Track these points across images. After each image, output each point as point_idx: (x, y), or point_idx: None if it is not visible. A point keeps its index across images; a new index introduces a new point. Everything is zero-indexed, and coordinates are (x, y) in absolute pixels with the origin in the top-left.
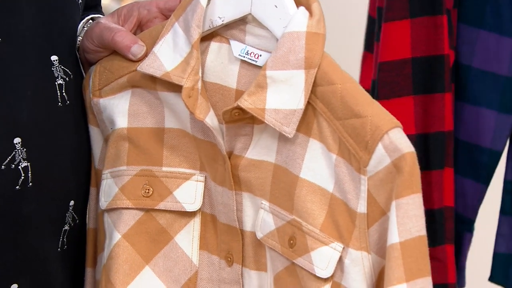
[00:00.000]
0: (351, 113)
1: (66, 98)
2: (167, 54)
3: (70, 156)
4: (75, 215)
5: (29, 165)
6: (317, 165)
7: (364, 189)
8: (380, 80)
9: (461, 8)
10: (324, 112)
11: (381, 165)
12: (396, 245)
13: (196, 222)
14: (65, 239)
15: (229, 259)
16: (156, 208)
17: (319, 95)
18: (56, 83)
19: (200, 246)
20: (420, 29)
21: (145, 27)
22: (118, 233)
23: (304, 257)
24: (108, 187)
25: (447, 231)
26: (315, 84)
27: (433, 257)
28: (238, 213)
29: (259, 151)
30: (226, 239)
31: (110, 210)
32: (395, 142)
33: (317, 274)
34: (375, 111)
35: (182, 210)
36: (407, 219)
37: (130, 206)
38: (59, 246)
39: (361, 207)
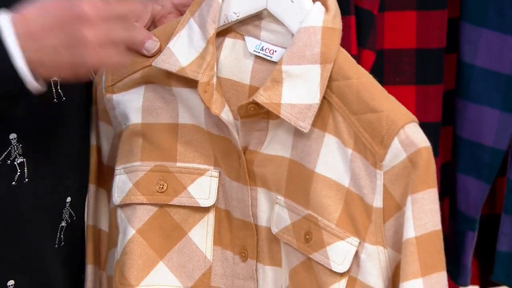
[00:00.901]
0: (367, 107)
1: (62, 94)
2: (183, 50)
3: (66, 152)
4: (72, 212)
5: (25, 161)
6: (332, 160)
7: (380, 183)
8: None
9: (463, 6)
10: (340, 107)
11: (397, 159)
12: (412, 239)
13: (210, 218)
14: (62, 236)
15: (244, 254)
16: (170, 203)
17: (334, 89)
18: (51, 79)
19: (214, 242)
20: None
21: (159, 23)
22: (133, 228)
23: (320, 252)
24: (121, 183)
25: None
26: (330, 79)
27: None
28: (253, 208)
29: (274, 146)
30: (241, 235)
31: (124, 205)
32: (411, 137)
33: (333, 269)
34: (391, 106)
35: (197, 205)
36: (423, 214)
37: (144, 202)
38: (56, 242)
39: (377, 201)
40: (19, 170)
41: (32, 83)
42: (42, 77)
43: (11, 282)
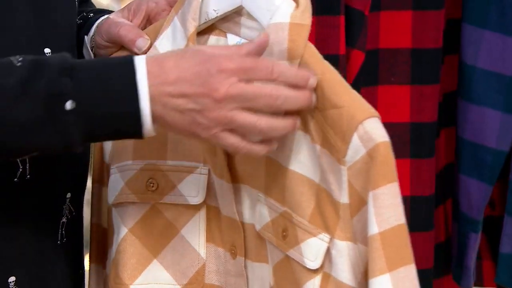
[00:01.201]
0: (329, 103)
1: None
2: (166, 48)
3: None
4: (71, 207)
5: (27, 157)
6: (303, 156)
7: (345, 179)
8: None
9: (465, 8)
10: None
11: (358, 155)
12: (376, 235)
13: (201, 215)
14: (63, 232)
15: (233, 251)
16: (161, 201)
17: None
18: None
19: (207, 239)
20: (320, 28)
21: (154, 20)
22: (125, 227)
23: (295, 248)
24: (115, 182)
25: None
26: None
27: None
28: (237, 205)
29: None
30: (229, 232)
31: (117, 204)
32: (370, 132)
33: (307, 266)
34: (352, 101)
35: (186, 203)
36: (384, 209)
37: (135, 201)
38: (59, 238)
39: (344, 197)
40: (21, 167)
41: (149, 127)
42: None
43: (12, 279)
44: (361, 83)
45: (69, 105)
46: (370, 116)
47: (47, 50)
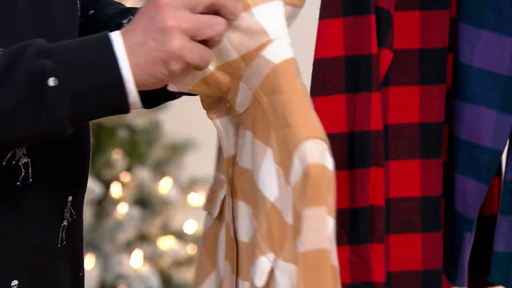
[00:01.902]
0: (284, 123)
1: None
2: None
3: (69, 151)
4: (72, 211)
5: (29, 161)
6: (267, 174)
7: (290, 200)
8: (313, 77)
9: (462, 7)
10: (273, 121)
11: (297, 176)
12: (299, 255)
13: (223, 230)
14: (63, 235)
15: (232, 269)
16: (211, 213)
17: (271, 104)
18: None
19: (225, 256)
20: (351, 28)
21: None
22: (202, 236)
23: (253, 266)
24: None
25: (375, 231)
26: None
27: (356, 255)
28: (234, 222)
29: (245, 157)
30: (229, 249)
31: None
32: (306, 153)
33: (256, 284)
34: (301, 121)
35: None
36: (308, 231)
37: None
38: (59, 242)
39: (289, 218)
40: (23, 171)
41: (134, 94)
42: (141, 84)
43: (15, 282)
44: None
45: (51, 81)
46: (312, 137)
47: None
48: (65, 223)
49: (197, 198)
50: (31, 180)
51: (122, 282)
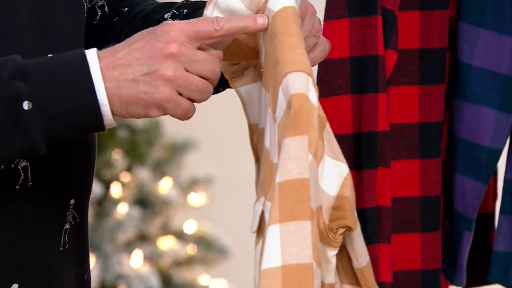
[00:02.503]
0: (275, 61)
1: None
2: None
3: (70, 154)
4: (75, 214)
5: (28, 165)
6: (267, 122)
7: (276, 138)
8: (319, 78)
9: (462, 7)
10: (270, 64)
11: (281, 110)
12: (276, 185)
13: None
14: (66, 238)
15: None
16: None
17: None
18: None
19: None
20: (357, 29)
21: None
22: None
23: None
24: None
25: (383, 231)
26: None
27: None
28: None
29: (263, 116)
30: None
31: None
32: (289, 85)
33: (252, 230)
34: (288, 57)
35: None
36: (288, 160)
37: None
38: (61, 245)
39: (275, 157)
40: (22, 174)
41: (109, 117)
42: (116, 112)
43: (15, 286)
44: None
45: (26, 105)
46: (296, 70)
47: (49, 55)
48: (67, 226)
49: (197, 198)
50: (30, 183)
51: (122, 282)
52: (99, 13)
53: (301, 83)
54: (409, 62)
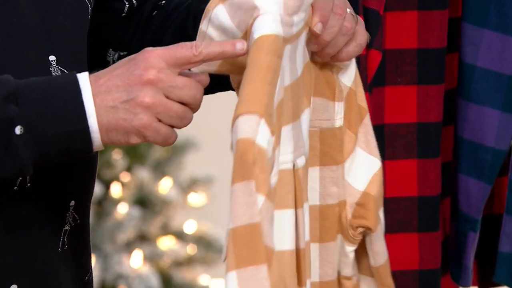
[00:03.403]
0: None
1: None
2: None
3: None
4: (75, 215)
5: None
6: None
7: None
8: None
9: (465, 7)
10: None
11: (233, 151)
12: (229, 231)
13: None
14: (65, 239)
15: None
16: None
17: None
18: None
19: None
20: None
21: None
22: None
23: None
24: None
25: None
26: None
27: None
28: None
29: None
30: None
31: None
32: (237, 128)
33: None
34: (245, 95)
35: None
36: (238, 206)
37: None
38: (60, 246)
39: None
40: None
41: (99, 143)
42: (102, 140)
43: (14, 287)
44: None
45: (18, 130)
46: (247, 112)
47: (52, 58)
48: (67, 227)
49: (197, 198)
50: (28, 184)
51: (122, 282)
52: (127, 5)
53: (249, 127)
54: (407, 62)
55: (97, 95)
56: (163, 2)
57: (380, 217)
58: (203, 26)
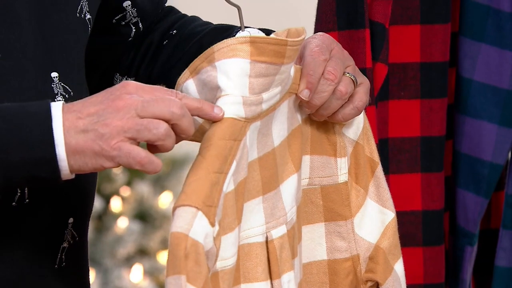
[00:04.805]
0: None
1: None
2: None
3: None
4: (74, 233)
5: None
6: None
7: None
8: None
9: (463, 21)
10: None
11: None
12: None
13: None
14: (63, 256)
15: None
16: None
17: None
18: (56, 99)
19: None
20: (346, 42)
21: None
22: None
23: None
24: None
25: None
26: None
27: None
28: None
29: None
30: None
31: None
32: (173, 221)
33: None
34: (186, 186)
35: None
36: None
37: None
38: (56, 263)
39: None
40: (19, 191)
41: (67, 172)
42: (71, 167)
43: None
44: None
45: None
46: (184, 204)
47: (54, 74)
48: (65, 244)
49: None
50: (27, 200)
51: None
52: (134, 30)
53: (183, 220)
54: (410, 76)
55: (68, 122)
56: (174, 31)
57: (396, 269)
58: None
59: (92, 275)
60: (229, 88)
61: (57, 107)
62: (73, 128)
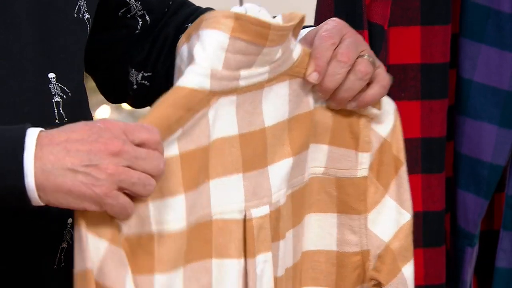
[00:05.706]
0: None
1: (64, 115)
2: None
3: None
4: (73, 233)
5: None
6: None
7: None
8: None
9: (463, 22)
10: None
11: None
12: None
13: None
14: (62, 257)
15: None
16: None
17: None
18: (53, 100)
19: None
20: None
21: None
22: None
23: None
24: None
25: None
26: None
27: None
28: None
29: None
30: None
31: None
32: None
33: None
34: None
35: None
36: (75, 251)
37: None
38: (56, 263)
39: None
40: None
41: (37, 202)
42: (42, 198)
43: None
44: None
45: None
46: None
47: (51, 75)
48: (64, 245)
49: None
50: None
51: None
52: (140, 22)
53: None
54: (410, 77)
55: (52, 153)
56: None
57: (403, 272)
58: (178, 60)
59: None
60: (200, 58)
61: (32, 137)
62: (60, 164)
